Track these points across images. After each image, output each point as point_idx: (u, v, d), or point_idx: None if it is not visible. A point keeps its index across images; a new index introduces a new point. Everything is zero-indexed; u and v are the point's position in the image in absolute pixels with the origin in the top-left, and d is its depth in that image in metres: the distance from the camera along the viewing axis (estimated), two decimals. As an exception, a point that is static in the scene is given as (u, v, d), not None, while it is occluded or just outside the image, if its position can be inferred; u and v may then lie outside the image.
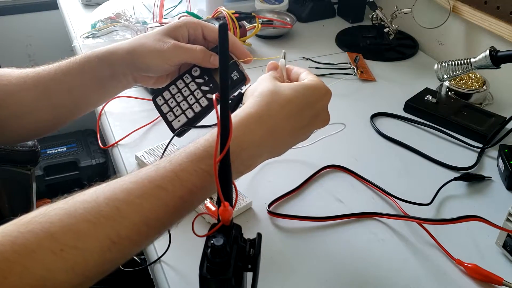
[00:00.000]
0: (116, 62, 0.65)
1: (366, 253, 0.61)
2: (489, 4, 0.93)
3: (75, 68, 0.66)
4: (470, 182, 0.73)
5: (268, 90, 0.54)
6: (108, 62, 0.65)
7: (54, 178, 1.70)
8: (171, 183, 0.46)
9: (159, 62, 0.64)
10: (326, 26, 1.26)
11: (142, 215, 0.44)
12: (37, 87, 0.65)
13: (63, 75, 0.66)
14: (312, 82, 0.59)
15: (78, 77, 0.65)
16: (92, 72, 0.65)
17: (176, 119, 0.67)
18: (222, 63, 0.41)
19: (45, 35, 1.72)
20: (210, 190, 0.49)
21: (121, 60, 0.65)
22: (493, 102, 0.94)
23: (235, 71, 0.66)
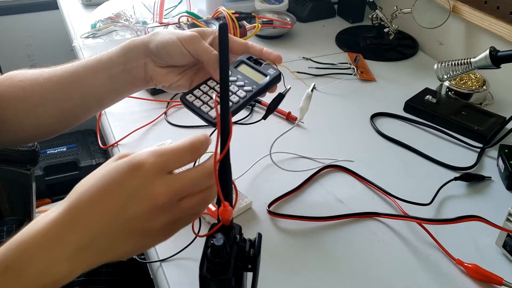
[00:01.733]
0: (129, 51, 0.64)
1: (366, 253, 0.61)
2: (489, 4, 0.93)
3: (89, 65, 0.65)
4: (470, 182, 0.73)
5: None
6: (121, 53, 0.64)
7: (54, 178, 1.71)
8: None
9: (176, 44, 0.63)
10: (326, 26, 1.26)
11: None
12: (50, 81, 0.65)
13: (76, 74, 0.65)
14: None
15: (91, 74, 0.65)
16: (105, 68, 0.64)
17: (213, 109, 0.63)
18: (222, 63, 0.41)
19: (45, 35, 1.72)
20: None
21: (134, 48, 0.64)
22: (493, 102, 0.94)
23: (271, 68, 0.66)
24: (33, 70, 0.66)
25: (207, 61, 0.64)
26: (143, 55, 0.64)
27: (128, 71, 0.65)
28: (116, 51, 0.65)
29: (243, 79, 0.66)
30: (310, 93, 0.67)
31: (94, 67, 0.65)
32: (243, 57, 0.67)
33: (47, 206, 1.62)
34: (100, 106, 0.69)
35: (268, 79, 0.65)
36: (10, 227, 0.77)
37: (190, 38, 0.63)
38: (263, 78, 0.65)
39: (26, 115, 0.65)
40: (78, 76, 0.65)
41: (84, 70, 0.65)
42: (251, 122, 0.85)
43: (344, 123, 0.87)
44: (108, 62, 0.65)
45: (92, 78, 0.64)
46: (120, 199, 0.42)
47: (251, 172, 0.73)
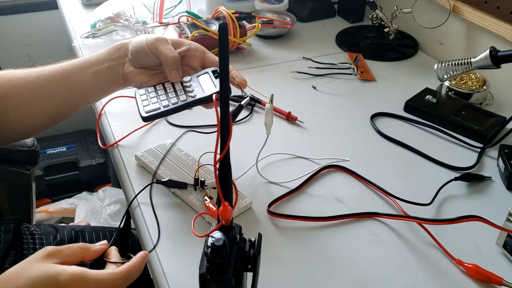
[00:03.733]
0: (115, 51, 0.71)
1: (366, 253, 0.61)
2: (489, 4, 0.93)
3: (74, 63, 0.70)
4: (470, 182, 0.73)
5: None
6: (109, 52, 0.71)
7: (54, 178, 1.71)
8: None
9: (143, 45, 0.69)
10: (326, 26, 1.26)
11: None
12: (38, 79, 0.69)
13: (61, 73, 0.70)
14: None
15: (79, 71, 0.70)
16: (91, 67, 0.70)
17: (148, 106, 0.70)
18: (222, 63, 0.41)
19: (45, 35, 1.72)
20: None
21: (119, 48, 0.71)
22: (493, 102, 0.94)
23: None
24: (21, 69, 0.69)
25: (163, 61, 0.69)
26: (124, 54, 0.71)
27: (111, 69, 0.70)
28: (105, 50, 0.71)
29: (194, 86, 0.71)
30: (270, 106, 0.67)
31: (82, 64, 0.70)
32: (211, 69, 0.72)
33: (47, 206, 1.62)
34: (86, 102, 0.74)
35: (207, 94, 0.69)
36: (7, 226, 0.77)
37: (154, 40, 0.69)
38: (211, 91, 0.69)
39: (16, 113, 0.68)
40: (67, 73, 0.69)
41: (72, 67, 0.70)
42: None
43: (344, 123, 0.87)
44: (96, 60, 0.70)
45: (79, 75, 0.69)
46: None
47: (251, 172, 0.73)
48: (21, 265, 0.52)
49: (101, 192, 1.66)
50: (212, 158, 0.43)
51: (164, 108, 0.69)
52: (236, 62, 1.05)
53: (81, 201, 1.63)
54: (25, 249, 0.76)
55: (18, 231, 0.78)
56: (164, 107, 0.69)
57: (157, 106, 0.69)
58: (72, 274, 0.51)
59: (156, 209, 0.66)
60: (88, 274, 0.52)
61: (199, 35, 1.03)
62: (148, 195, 0.68)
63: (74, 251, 0.55)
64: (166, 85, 0.72)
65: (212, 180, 0.68)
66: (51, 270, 0.51)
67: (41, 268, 0.51)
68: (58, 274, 0.51)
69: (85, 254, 0.57)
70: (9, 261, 0.73)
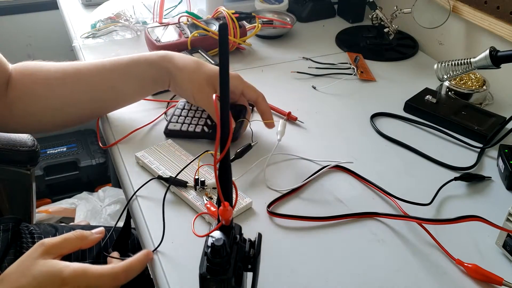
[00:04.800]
0: (162, 70, 0.76)
1: (366, 253, 0.61)
2: (489, 4, 0.93)
3: (121, 68, 0.75)
4: (470, 182, 0.73)
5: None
6: (156, 67, 0.76)
7: (54, 178, 1.71)
8: None
9: (187, 97, 0.79)
10: (326, 26, 1.26)
11: None
12: (79, 82, 0.74)
13: (109, 72, 0.75)
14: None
15: (123, 76, 0.75)
16: (138, 74, 0.75)
17: (174, 124, 0.80)
18: (222, 63, 0.41)
19: (45, 35, 1.72)
20: None
21: (166, 70, 0.76)
22: (493, 102, 0.94)
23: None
24: (55, 70, 0.76)
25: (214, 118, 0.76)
26: (168, 79, 0.78)
27: (156, 82, 0.79)
28: (147, 66, 0.76)
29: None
30: (285, 121, 0.79)
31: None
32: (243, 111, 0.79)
33: (47, 206, 1.62)
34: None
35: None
36: (6, 225, 0.77)
37: (198, 99, 0.76)
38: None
39: (55, 113, 0.75)
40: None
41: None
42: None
43: (344, 123, 0.87)
44: (137, 73, 0.77)
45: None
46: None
47: (251, 172, 0.73)
48: (22, 263, 0.53)
49: (101, 192, 1.66)
50: (212, 158, 0.44)
51: (183, 132, 0.78)
52: (236, 62, 1.06)
53: (81, 201, 1.63)
54: (24, 248, 0.76)
55: (17, 230, 0.78)
56: (186, 131, 0.78)
57: (179, 128, 0.79)
58: (74, 270, 0.52)
59: (155, 209, 0.66)
60: (90, 269, 0.53)
61: (199, 35, 1.03)
62: (149, 194, 0.68)
63: (70, 242, 0.56)
64: (200, 109, 0.81)
65: (212, 180, 0.68)
66: (54, 268, 0.52)
67: (44, 266, 0.52)
68: (61, 271, 0.51)
69: (82, 244, 0.57)
70: (8, 259, 0.73)
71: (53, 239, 0.55)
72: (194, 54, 0.99)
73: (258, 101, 0.77)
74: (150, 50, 1.04)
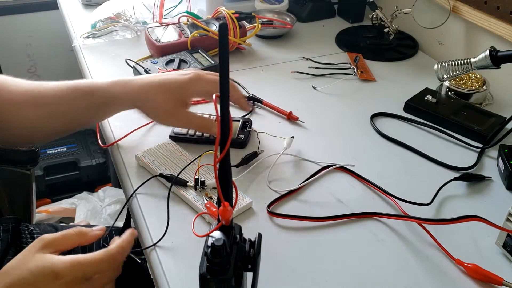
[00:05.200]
0: (117, 108, 0.72)
1: (366, 253, 0.61)
2: (489, 4, 0.93)
3: (78, 97, 0.71)
4: (470, 182, 0.73)
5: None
6: (109, 107, 0.72)
7: (54, 178, 1.71)
8: None
9: (163, 121, 0.74)
10: (326, 26, 1.26)
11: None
12: (43, 106, 0.70)
13: (68, 99, 0.71)
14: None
15: (78, 104, 0.71)
16: (92, 107, 0.71)
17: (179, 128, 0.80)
18: (222, 63, 0.41)
19: (45, 35, 1.72)
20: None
21: (122, 107, 0.72)
22: (493, 102, 0.94)
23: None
24: (21, 92, 0.70)
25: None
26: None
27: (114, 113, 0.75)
28: (101, 104, 0.71)
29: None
30: (290, 139, 0.78)
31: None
32: (244, 118, 0.83)
33: (47, 206, 1.62)
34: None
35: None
36: (6, 225, 0.77)
37: (178, 120, 0.73)
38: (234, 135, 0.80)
39: (40, 122, 0.71)
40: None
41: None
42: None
43: (344, 123, 0.87)
44: (91, 105, 0.71)
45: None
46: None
47: (251, 172, 0.73)
48: (20, 258, 0.53)
49: (101, 192, 1.66)
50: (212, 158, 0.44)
51: (189, 136, 0.79)
52: (236, 62, 1.06)
53: (81, 201, 1.63)
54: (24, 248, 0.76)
55: (17, 230, 0.78)
56: (190, 135, 0.79)
57: (185, 131, 0.79)
58: (67, 261, 0.51)
59: (155, 207, 0.66)
60: (83, 258, 0.52)
61: (199, 35, 1.03)
62: (149, 193, 0.68)
63: (69, 238, 0.56)
64: (205, 116, 0.81)
65: (212, 180, 0.68)
66: (48, 262, 0.52)
67: (39, 260, 0.52)
68: (53, 265, 0.51)
69: (81, 240, 0.57)
70: (8, 260, 0.72)
71: (52, 235, 0.55)
72: (194, 54, 0.99)
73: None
74: (150, 50, 1.04)
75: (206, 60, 0.97)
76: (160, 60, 0.96)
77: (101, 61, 1.03)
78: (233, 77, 0.98)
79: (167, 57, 0.97)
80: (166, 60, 0.96)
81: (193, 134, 0.79)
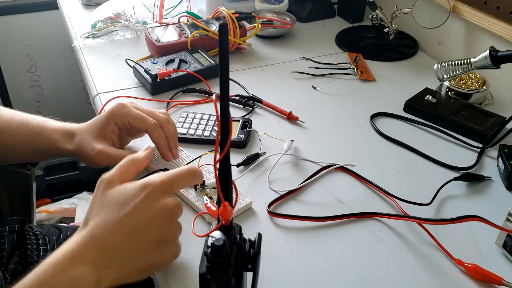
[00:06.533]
0: (58, 156, 0.70)
1: (366, 253, 0.61)
2: (489, 4, 0.93)
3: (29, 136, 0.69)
4: (470, 182, 0.73)
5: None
6: (52, 153, 0.70)
7: (54, 178, 1.70)
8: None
9: (93, 165, 0.68)
10: (326, 26, 1.26)
11: None
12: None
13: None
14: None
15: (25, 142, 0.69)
16: (37, 146, 0.70)
17: (179, 128, 0.79)
18: (222, 63, 0.41)
19: (45, 35, 1.72)
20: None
21: (64, 155, 0.70)
22: (493, 102, 0.94)
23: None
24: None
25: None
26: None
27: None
28: (46, 151, 0.70)
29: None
30: (290, 142, 0.78)
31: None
32: (244, 118, 0.83)
33: (47, 206, 1.62)
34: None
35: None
36: (12, 227, 0.77)
37: (98, 160, 0.67)
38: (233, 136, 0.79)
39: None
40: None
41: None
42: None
43: (344, 123, 0.87)
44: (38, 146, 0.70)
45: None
46: (136, 218, 0.49)
47: (251, 172, 0.73)
48: (95, 203, 0.51)
49: (101, 192, 1.65)
50: (212, 158, 0.44)
51: (189, 136, 0.79)
52: (236, 62, 1.06)
53: (81, 201, 1.63)
54: (29, 249, 0.76)
55: (22, 232, 0.78)
56: (190, 135, 0.78)
57: (185, 131, 0.79)
58: (147, 177, 0.52)
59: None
60: (169, 174, 0.52)
61: (199, 35, 1.03)
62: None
63: (128, 168, 0.54)
64: (205, 116, 0.82)
65: (212, 180, 0.68)
66: (127, 183, 0.51)
67: (115, 189, 0.51)
68: (136, 182, 0.51)
69: (136, 167, 0.56)
70: (14, 261, 0.73)
71: (108, 173, 0.53)
72: (194, 54, 0.99)
73: (148, 132, 0.69)
74: (150, 50, 1.04)
75: (206, 60, 0.98)
76: (160, 60, 0.96)
77: (101, 61, 1.03)
78: (233, 77, 0.98)
79: (167, 57, 0.97)
80: (166, 60, 0.96)
81: (193, 134, 0.79)
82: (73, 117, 0.76)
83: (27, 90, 1.79)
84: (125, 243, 0.48)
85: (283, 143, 0.78)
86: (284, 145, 0.77)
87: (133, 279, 0.50)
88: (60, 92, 1.83)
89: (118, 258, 0.48)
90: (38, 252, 0.77)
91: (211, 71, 0.95)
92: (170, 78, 0.91)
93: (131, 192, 0.50)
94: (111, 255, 0.48)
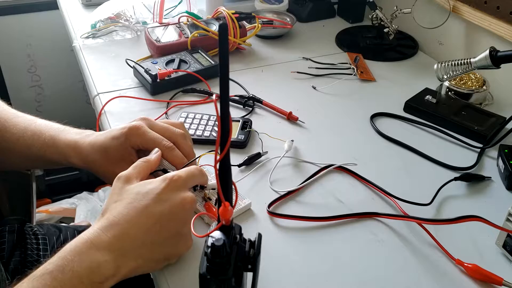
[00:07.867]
0: (68, 164, 0.68)
1: (366, 253, 0.61)
2: (489, 4, 0.93)
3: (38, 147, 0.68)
4: (470, 182, 0.73)
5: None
6: (65, 165, 0.68)
7: (54, 178, 1.71)
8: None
9: (108, 179, 0.65)
10: (326, 26, 1.26)
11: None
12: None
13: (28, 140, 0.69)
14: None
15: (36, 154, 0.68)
16: (50, 159, 0.68)
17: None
18: (222, 63, 0.41)
19: (45, 35, 1.72)
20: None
21: (78, 168, 0.68)
22: (493, 102, 0.94)
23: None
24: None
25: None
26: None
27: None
28: (56, 162, 0.68)
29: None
30: (290, 143, 0.78)
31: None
32: (245, 118, 0.83)
33: (47, 206, 1.62)
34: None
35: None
36: (12, 226, 0.77)
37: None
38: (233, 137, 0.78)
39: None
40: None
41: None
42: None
43: (344, 123, 0.87)
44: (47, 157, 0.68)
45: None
46: (157, 209, 0.51)
47: (251, 172, 0.73)
48: (112, 198, 0.53)
49: (102, 192, 1.66)
50: (212, 158, 0.44)
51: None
52: (236, 62, 1.06)
53: (81, 201, 1.63)
54: (29, 249, 0.76)
55: (22, 231, 0.78)
56: (192, 135, 0.78)
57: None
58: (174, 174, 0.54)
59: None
60: (181, 172, 0.56)
61: (199, 35, 1.03)
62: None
63: (142, 168, 0.57)
64: (205, 116, 0.82)
65: (211, 181, 0.68)
66: (147, 180, 0.54)
67: (135, 185, 0.53)
68: (154, 179, 0.54)
69: (151, 165, 0.59)
70: (14, 261, 0.73)
71: (125, 172, 0.56)
72: (194, 54, 0.99)
73: (163, 156, 0.65)
74: (150, 50, 1.04)
75: (206, 60, 0.98)
76: (160, 60, 0.96)
77: (101, 61, 1.03)
78: (233, 77, 0.98)
79: (167, 57, 0.97)
80: (166, 60, 0.96)
81: (193, 134, 0.79)
82: (73, 117, 0.76)
83: (27, 90, 1.79)
84: (145, 234, 0.50)
85: (283, 143, 0.78)
86: (285, 145, 0.77)
87: (148, 270, 0.53)
88: (60, 92, 1.83)
89: (137, 247, 0.50)
90: (38, 251, 0.77)
91: (211, 71, 0.95)
92: (170, 78, 0.91)
93: (152, 185, 0.52)
94: (131, 244, 0.49)
